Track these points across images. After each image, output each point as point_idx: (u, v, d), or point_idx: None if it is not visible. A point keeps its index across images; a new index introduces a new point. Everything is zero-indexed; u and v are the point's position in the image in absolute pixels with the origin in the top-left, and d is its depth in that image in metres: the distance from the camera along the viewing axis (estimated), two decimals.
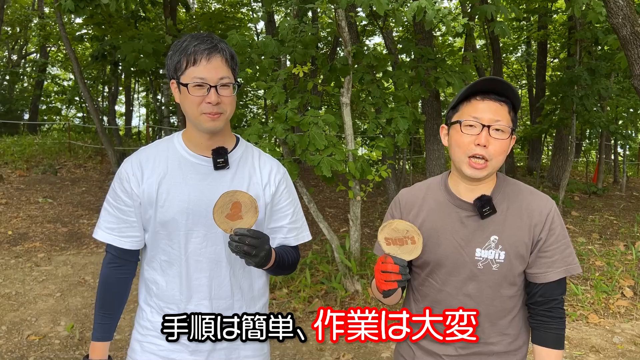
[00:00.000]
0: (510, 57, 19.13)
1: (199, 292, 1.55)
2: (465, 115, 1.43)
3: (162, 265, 1.57)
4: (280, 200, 1.64)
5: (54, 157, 12.25)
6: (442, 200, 1.54)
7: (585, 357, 3.91)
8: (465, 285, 1.48)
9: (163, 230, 1.54)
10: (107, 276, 1.61)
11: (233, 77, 1.50)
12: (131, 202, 1.55)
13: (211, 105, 1.45)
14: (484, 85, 1.43)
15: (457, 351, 1.52)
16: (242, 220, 1.38)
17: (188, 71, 1.45)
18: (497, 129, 1.41)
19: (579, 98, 8.58)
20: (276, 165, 1.67)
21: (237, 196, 1.39)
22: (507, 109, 1.43)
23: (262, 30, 18.17)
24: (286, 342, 4.02)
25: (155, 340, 1.59)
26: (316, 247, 6.51)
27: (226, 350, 1.60)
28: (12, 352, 3.85)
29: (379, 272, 1.34)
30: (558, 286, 1.49)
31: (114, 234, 1.57)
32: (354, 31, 6.33)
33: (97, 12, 9.46)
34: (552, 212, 1.48)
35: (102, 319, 1.62)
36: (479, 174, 1.42)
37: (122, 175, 1.56)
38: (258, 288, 1.67)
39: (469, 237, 1.47)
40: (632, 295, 5.07)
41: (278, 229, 1.66)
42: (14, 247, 6.44)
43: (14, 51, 22.08)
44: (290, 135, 4.67)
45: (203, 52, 1.44)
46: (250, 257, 1.38)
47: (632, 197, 10.88)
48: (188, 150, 1.56)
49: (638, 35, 4.66)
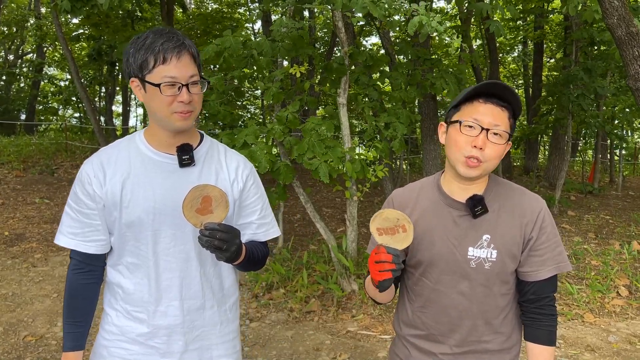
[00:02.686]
0: (507, 57, 19.18)
1: (169, 293, 1.52)
2: (466, 115, 1.44)
3: (129, 267, 1.53)
4: (249, 195, 1.62)
5: (51, 158, 12.23)
6: (435, 200, 1.56)
7: (580, 356, 3.93)
8: (458, 283, 1.50)
9: (129, 232, 1.50)
10: (73, 283, 1.56)
11: (199, 74, 1.48)
12: (94, 204, 1.50)
13: (183, 104, 1.42)
14: (487, 88, 1.44)
15: (452, 349, 1.53)
16: (212, 215, 1.36)
17: (157, 70, 1.40)
18: (496, 133, 1.42)
19: (575, 97, 8.61)
20: (243, 161, 1.65)
21: (207, 190, 1.36)
22: (508, 114, 1.44)
23: (259, 31, 18.16)
24: (283, 342, 4.03)
25: (123, 345, 1.55)
26: (313, 247, 6.51)
27: (198, 351, 1.58)
28: (8, 353, 3.85)
29: (373, 264, 1.35)
30: (549, 284, 1.51)
31: (77, 239, 1.52)
32: (351, 31, 6.34)
33: (93, 12, 9.44)
34: (543, 211, 1.51)
35: (71, 327, 1.57)
36: (472, 173, 1.44)
37: (83, 178, 1.51)
38: (228, 287, 1.65)
39: (462, 236, 1.49)
40: (627, 294, 5.10)
41: (247, 225, 1.63)
42: (10, 247, 6.43)
43: (11, 51, 22.03)
44: (287, 138, 4.68)
45: (173, 51, 1.40)
46: (221, 252, 1.35)
47: (628, 197, 10.93)
48: (152, 148, 1.52)
49: (633, 35, 4.68)
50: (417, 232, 1.52)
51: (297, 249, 6.33)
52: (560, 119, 9.54)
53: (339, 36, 5.10)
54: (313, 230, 7.27)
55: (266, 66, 4.96)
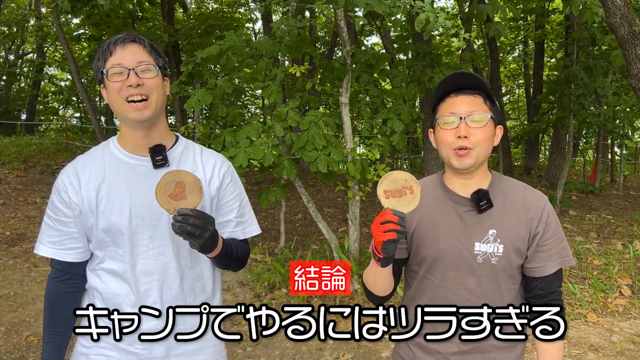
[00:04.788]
0: (508, 56, 19.17)
1: (148, 297, 1.49)
2: (443, 112, 1.49)
3: (108, 271, 1.51)
4: (226, 193, 1.60)
5: (52, 158, 12.23)
6: (438, 197, 1.56)
7: (584, 355, 3.92)
8: (465, 279, 1.50)
9: (107, 237, 1.48)
10: (53, 292, 1.54)
11: (155, 63, 1.47)
12: (70, 212, 1.49)
13: (132, 88, 1.41)
14: (454, 82, 1.49)
15: (459, 347, 1.53)
16: (186, 200, 1.33)
17: (107, 64, 1.44)
18: (475, 119, 1.45)
19: (576, 97, 8.60)
20: (220, 159, 1.62)
21: (181, 175, 1.33)
22: (482, 99, 1.48)
23: (260, 31, 18.16)
24: (286, 342, 4.02)
25: (103, 352, 1.51)
26: (315, 247, 6.51)
27: (181, 356, 1.55)
28: (11, 352, 3.85)
29: (378, 225, 1.32)
30: (556, 278, 1.53)
31: (56, 248, 1.51)
32: (352, 31, 6.34)
33: (94, 12, 9.44)
34: (547, 206, 1.52)
35: (50, 337, 1.54)
36: (465, 162, 1.46)
37: (59, 186, 1.50)
38: (209, 289, 1.62)
39: (468, 231, 1.49)
40: (630, 294, 5.09)
41: (225, 224, 1.61)
42: (12, 247, 6.43)
43: (11, 51, 22.03)
44: (289, 134, 4.67)
45: (117, 42, 1.44)
46: (194, 238, 1.32)
47: (629, 196, 10.92)
48: (124, 152, 1.51)
49: (636, 34, 4.68)
50: (421, 228, 1.52)
51: (299, 248, 6.32)
52: (561, 119, 9.54)
53: (340, 35, 5.09)
54: (314, 230, 7.27)
55: (265, 67, 4.95)
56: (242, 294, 5.03)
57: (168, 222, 1.45)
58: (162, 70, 1.49)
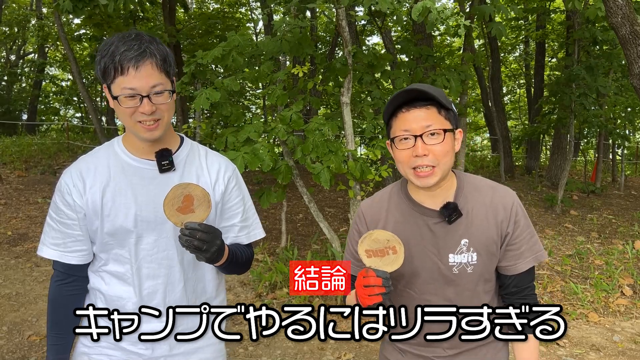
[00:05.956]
0: (509, 56, 19.15)
1: (152, 300, 1.49)
2: (397, 130, 1.41)
3: (112, 274, 1.50)
4: (231, 198, 1.59)
5: (53, 158, 12.24)
6: (406, 210, 1.52)
7: (585, 355, 3.92)
8: (443, 291, 1.50)
9: (112, 240, 1.47)
10: (56, 294, 1.53)
11: (168, 80, 1.40)
12: (75, 214, 1.47)
13: (145, 115, 1.37)
14: (404, 97, 1.40)
15: (446, 352, 1.54)
16: (193, 214, 1.32)
17: (117, 81, 1.35)
18: (432, 134, 1.38)
19: (577, 96, 8.59)
20: (225, 163, 1.60)
21: (190, 189, 1.33)
22: (436, 110, 1.40)
23: (261, 31, 18.16)
24: (287, 342, 4.02)
25: (106, 351, 1.51)
26: (316, 246, 6.51)
27: (183, 355, 1.55)
28: (13, 352, 3.85)
29: (361, 288, 1.30)
30: (529, 274, 1.52)
31: (59, 250, 1.50)
32: (353, 31, 6.34)
33: (95, 12, 9.44)
34: (515, 204, 1.49)
35: (54, 339, 1.53)
36: (428, 182, 1.40)
37: (62, 188, 1.48)
38: (211, 290, 1.61)
39: (440, 244, 1.47)
40: (631, 293, 5.09)
41: (229, 228, 1.60)
42: (13, 247, 6.44)
43: (12, 51, 22.05)
44: (291, 137, 4.67)
45: (130, 60, 1.32)
46: (200, 252, 1.32)
47: (630, 196, 10.90)
48: (130, 155, 1.49)
49: (637, 34, 4.67)
50: None
51: (300, 248, 6.32)
52: (562, 119, 9.52)
53: (342, 35, 5.09)
54: (315, 230, 7.27)
55: (268, 70, 4.95)
56: (243, 294, 5.04)
57: (173, 226, 1.44)
58: (173, 84, 1.44)
